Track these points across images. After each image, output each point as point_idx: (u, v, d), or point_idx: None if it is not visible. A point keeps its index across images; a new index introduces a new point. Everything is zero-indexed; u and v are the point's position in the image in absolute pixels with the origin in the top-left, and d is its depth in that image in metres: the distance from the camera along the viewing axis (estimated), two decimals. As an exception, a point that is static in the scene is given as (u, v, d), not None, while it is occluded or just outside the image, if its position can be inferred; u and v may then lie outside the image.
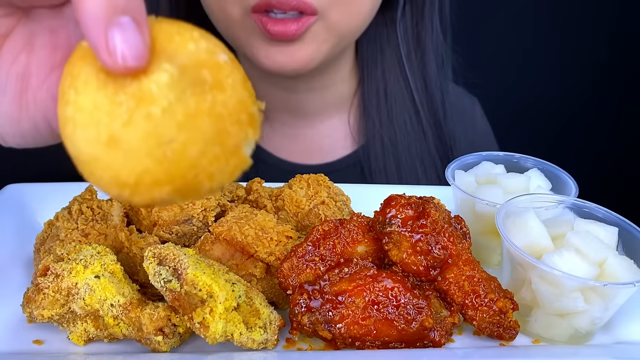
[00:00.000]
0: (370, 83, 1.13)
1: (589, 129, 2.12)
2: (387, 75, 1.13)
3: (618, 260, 0.64)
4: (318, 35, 0.94)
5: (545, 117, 2.08)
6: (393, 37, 1.12)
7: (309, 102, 1.13)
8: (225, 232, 0.69)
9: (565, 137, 2.11)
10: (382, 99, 1.13)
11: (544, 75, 2.04)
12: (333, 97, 1.15)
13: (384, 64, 1.13)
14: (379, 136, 1.12)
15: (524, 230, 0.68)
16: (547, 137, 2.07)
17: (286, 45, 0.93)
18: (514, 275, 0.69)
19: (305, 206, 0.76)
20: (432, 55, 1.14)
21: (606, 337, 0.68)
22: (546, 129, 2.09)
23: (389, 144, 1.12)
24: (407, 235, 0.64)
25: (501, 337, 0.65)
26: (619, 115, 2.11)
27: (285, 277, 0.64)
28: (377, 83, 1.13)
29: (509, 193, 0.78)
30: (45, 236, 0.71)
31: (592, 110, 2.11)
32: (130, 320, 0.60)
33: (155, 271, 0.59)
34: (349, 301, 0.61)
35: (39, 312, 0.60)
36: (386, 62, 1.13)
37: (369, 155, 1.13)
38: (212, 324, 0.57)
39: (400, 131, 1.13)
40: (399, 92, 1.13)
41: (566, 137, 2.11)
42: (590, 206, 0.75)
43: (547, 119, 2.08)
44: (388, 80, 1.13)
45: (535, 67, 2.04)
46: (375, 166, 1.12)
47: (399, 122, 1.13)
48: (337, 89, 1.14)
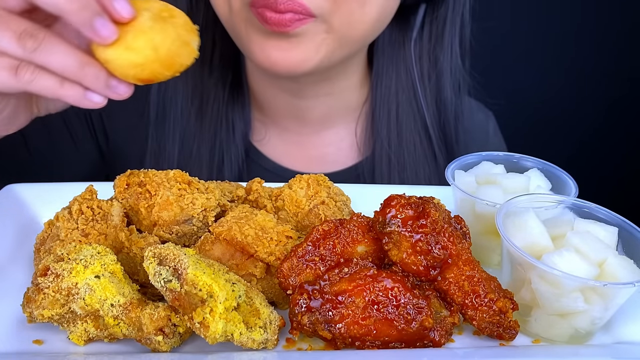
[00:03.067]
0: (382, 101, 1.10)
1: (589, 129, 2.12)
2: (400, 97, 1.10)
3: (618, 260, 0.64)
4: (316, 35, 0.91)
5: (546, 116, 2.08)
6: (409, 56, 1.08)
7: (315, 108, 1.11)
8: (225, 232, 0.69)
9: (565, 137, 2.11)
10: (393, 120, 1.10)
11: (544, 75, 2.04)
12: (340, 106, 1.12)
13: (398, 84, 1.09)
14: (386, 155, 1.10)
15: (524, 230, 0.68)
16: (547, 137, 2.08)
17: (282, 41, 0.90)
18: (514, 275, 0.69)
19: (305, 206, 0.76)
20: (448, 79, 1.10)
21: (606, 337, 0.68)
22: (546, 129, 2.09)
23: (396, 164, 1.10)
24: (407, 235, 0.64)
25: (501, 337, 0.65)
26: (619, 115, 2.11)
27: (285, 277, 0.64)
28: (389, 104, 1.10)
29: (508, 193, 0.78)
30: (45, 236, 0.71)
31: (592, 110, 2.11)
32: (130, 320, 0.60)
33: (155, 271, 0.59)
34: (349, 301, 0.61)
35: (39, 312, 0.60)
36: (400, 83, 1.09)
37: (373, 171, 1.11)
38: (212, 324, 0.57)
39: (409, 154, 1.10)
40: (410, 115, 1.10)
41: (566, 137, 2.11)
42: (590, 206, 0.75)
43: (547, 119, 2.09)
44: (400, 102, 1.10)
45: (535, 66, 2.04)
46: (379, 182, 1.09)
47: (409, 144, 1.10)
48: (344, 97, 1.12)
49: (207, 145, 1.09)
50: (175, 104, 1.09)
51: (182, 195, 0.71)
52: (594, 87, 2.07)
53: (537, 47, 2.01)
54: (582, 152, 2.05)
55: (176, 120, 1.09)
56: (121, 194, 0.73)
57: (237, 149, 1.10)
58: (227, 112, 1.10)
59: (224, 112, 1.09)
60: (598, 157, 2.11)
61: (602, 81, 2.06)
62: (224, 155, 1.09)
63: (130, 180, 0.73)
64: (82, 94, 0.65)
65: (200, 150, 1.09)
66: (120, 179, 0.74)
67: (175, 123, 1.09)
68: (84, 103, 0.66)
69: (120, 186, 0.73)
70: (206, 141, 1.09)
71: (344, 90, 1.10)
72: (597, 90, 2.08)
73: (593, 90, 2.08)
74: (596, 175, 1.82)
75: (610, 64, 2.04)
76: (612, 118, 2.11)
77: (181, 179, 0.72)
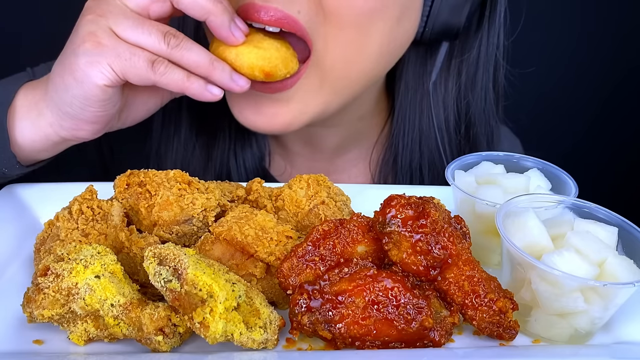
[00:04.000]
0: (404, 141, 1.03)
1: (589, 129, 2.12)
2: (423, 147, 1.02)
3: (618, 260, 0.64)
4: (309, 86, 0.84)
5: (545, 116, 2.08)
6: (434, 97, 1.00)
7: (326, 137, 1.07)
8: (225, 232, 0.69)
9: (565, 137, 2.11)
10: (416, 161, 1.04)
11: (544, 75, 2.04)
12: (352, 134, 1.07)
13: (422, 121, 1.02)
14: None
15: (524, 230, 0.68)
16: (547, 137, 2.08)
17: (264, 104, 0.85)
18: (513, 275, 0.69)
19: (305, 206, 0.76)
20: (481, 129, 1.03)
21: (606, 337, 0.68)
22: (546, 129, 2.09)
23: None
24: (407, 235, 0.64)
25: (501, 337, 0.65)
26: (619, 115, 2.11)
27: (285, 277, 0.64)
28: (413, 144, 1.03)
29: (508, 193, 0.78)
30: (46, 236, 0.71)
31: (592, 109, 2.11)
32: (130, 320, 0.60)
33: (155, 271, 0.59)
34: (349, 301, 0.61)
35: (39, 312, 0.60)
36: (424, 121, 1.02)
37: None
38: (212, 324, 0.57)
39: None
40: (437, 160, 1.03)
41: (566, 137, 2.11)
42: (590, 206, 0.75)
43: (547, 119, 2.09)
44: (424, 152, 1.03)
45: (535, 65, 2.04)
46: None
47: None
48: (357, 126, 1.07)
49: (212, 172, 1.05)
50: (179, 136, 1.06)
51: (182, 195, 0.71)
52: (594, 87, 2.07)
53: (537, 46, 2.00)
54: (582, 152, 2.05)
55: (178, 150, 1.06)
56: (121, 194, 0.73)
57: (246, 172, 1.06)
58: (237, 140, 1.05)
59: (233, 140, 1.05)
60: (598, 157, 2.11)
61: (603, 80, 2.06)
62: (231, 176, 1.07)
63: (130, 180, 0.73)
64: (204, 87, 0.77)
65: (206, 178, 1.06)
66: (120, 179, 0.74)
67: (177, 154, 1.06)
68: (205, 95, 0.77)
69: (120, 186, 0.73)
70: (212, 169, 1.06)
71: (357, 120, 1.05)
72: (597, 89, 2.08)
73: (594, 90, 2.08)
74: (596, 175, 1.82)
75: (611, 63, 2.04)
76: (612, 118, 2.11)
77: (181, 179, 0.72)
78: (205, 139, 1.06)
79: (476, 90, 1.01)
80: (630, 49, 2.03)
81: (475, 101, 1.02)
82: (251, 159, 1.07)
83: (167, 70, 0.73)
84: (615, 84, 2.07)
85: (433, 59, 1.00)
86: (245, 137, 1.06)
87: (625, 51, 2.04)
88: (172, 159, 1.06)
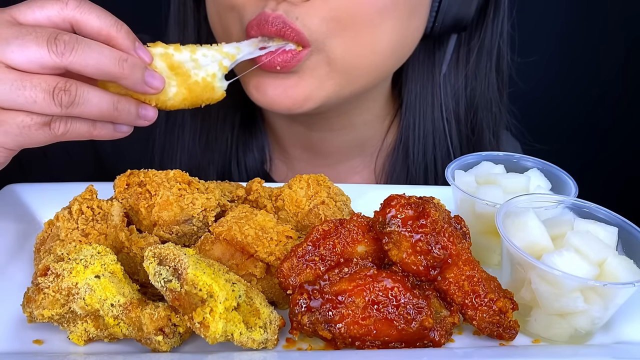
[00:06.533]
0: (415, 134, 1.02)
1: (589, 129, 2.12)
2: (433, 136, 1.01)
3: (618, 260, 0.64)
4: (318, 69, 0.82)
5: (545, 116, 2.08)
6: (443, 91, 1.01)
7: (328, 142, 1.05)
8: (225, 232, 0.69)
9: (565, 137, 2.11)
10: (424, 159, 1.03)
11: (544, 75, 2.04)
12: (355, 140, 1.05)
13: (427, 121, 1.02)
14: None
15: (524, 230, 0.68)
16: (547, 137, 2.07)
17: (280, 78, 0.83)
18: (513, 275, 0.69)
19: (305, 206, 0.76)
20: (486, 115, 1.04)
21: (606, 337, 0.68)
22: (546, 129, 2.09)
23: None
24: (407, 235, 0.64)
25: (501, 337, 0.65)
26: (618, 115, 2.11)
27: (285, 277, 0.64)
28: (425, 145, 1.02)
29: (508, 193, 0.78)
30: (46, 236, 0.71)
31: (592, 109, 2.11)
32: (130, 320, 0.60)
33: (155, 271, 0.59)
34: (349, 301, 0.61)
35: (39, 312, 0.60)
36: (432, 119, 1.02)
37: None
38: (212, 324, 0.57)
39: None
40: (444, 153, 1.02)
41: (566, 137, 2.11)
42: (590, 206, 0.75)
43: (547, 119, 2.08)
44: (436, 144, 1.03)
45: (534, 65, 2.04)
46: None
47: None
48: (362, 131, 1.04)
49: (213, 177, 1.04)
50: (183, 140, 1.05)
51: (182, 195, 0.71)
52: (595, 87, 2.07)
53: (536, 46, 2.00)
54: (582, 152, 2.05)
55: (183, 151, 1.05)
56: (121, 194, 0.73)
57: (248, 178, 1.05)
58: (238, 144, 1.05)
59: (235, 143, 1.05)
60: (598, 157, 2.11)
61: (603, 81, 2.06)
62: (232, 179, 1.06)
63: (130, 180, 0.73)
64: (113, 129, 0.69)
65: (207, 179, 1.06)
66: (120, 179, 0.74)
67: (181, 153, 1.05)
68: (116, 135, 0.70)
69: (120, 186, 0.73)
70: (214, 167, 1.05)
71: (362, 124, 1.03)
72: (597, 89, 2.07)
73: (593, 90, 2.07)
74: (596, 175, 1.81)
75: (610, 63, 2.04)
76: (612, 118, 2.11)
77: (181, 179, 0.72)
78: (207, 143, 1.05)
79: (480, 78, 1.01)
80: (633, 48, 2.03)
81: (480, 89, 1.02)
82: (252, 163, 1.06)
83: (68, 128, 0.65)
84: (616, 83, 2.07)
85: (442, 51, 0.99)
86: (246, 142, 1.05)
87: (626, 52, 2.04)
88: (174, 162, 1.05)
